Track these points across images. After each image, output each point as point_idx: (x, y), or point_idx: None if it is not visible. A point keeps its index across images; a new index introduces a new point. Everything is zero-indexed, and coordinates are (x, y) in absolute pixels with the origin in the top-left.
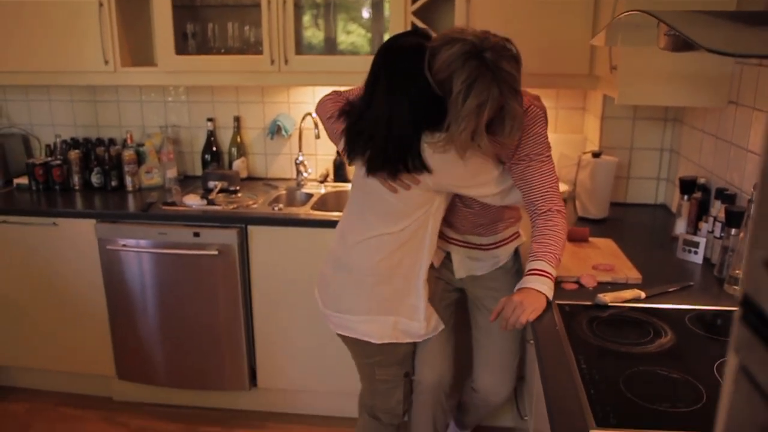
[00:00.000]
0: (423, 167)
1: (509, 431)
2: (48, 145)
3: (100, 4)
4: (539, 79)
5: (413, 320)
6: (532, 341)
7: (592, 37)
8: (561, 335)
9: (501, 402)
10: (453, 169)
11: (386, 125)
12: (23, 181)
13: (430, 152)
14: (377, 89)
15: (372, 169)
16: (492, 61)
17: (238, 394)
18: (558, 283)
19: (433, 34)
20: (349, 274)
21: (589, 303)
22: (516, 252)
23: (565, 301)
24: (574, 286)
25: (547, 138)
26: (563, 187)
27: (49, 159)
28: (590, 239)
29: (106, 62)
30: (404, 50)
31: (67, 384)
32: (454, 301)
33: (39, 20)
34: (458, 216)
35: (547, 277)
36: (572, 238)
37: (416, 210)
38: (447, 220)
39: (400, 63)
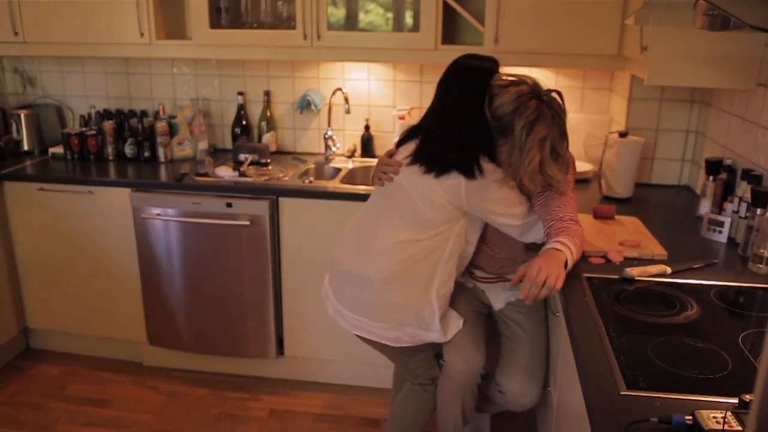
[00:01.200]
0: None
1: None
2: (82, 116)
3: None
4: (567, 58)
5: (429, 332)
6: (558, 314)
7: (623, 17)
8: (590, 306)
9: (528, 406)
10: (489, 190)
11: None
12: (59, 150)
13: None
14: (438, 107)
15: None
16: (550, 103)
17: (265, 361)
18: (585, 257)
19: (499, 64)
20: (368, 281)
21: (616, 276)
22: None
23: (593, 274)
24: (601, 261)
25: (571, 178)
26: (588, 166)
27: (84, 129)
28: (616, 217)
29: (142, 35)
30: (472, 78)
31: (100, 348)
32: (480, 304)
33: None
34: (485, 258)
35: (564, 245)
36: (598, 215)
37: (441, 223)
38: (475, 263)
39: (464, 90)
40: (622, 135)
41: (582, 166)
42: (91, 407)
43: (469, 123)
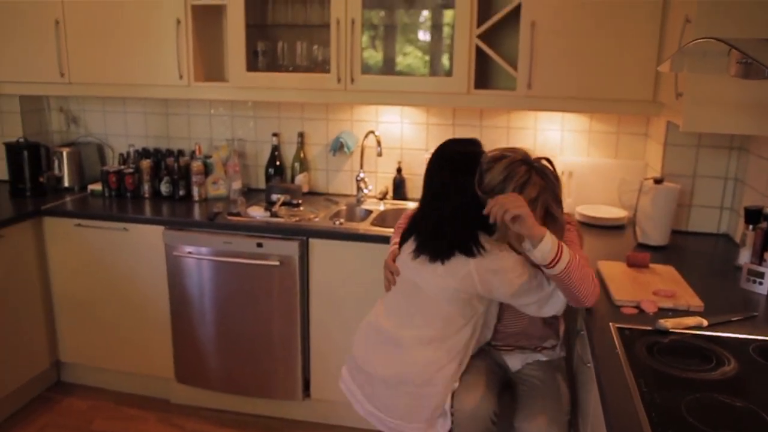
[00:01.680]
0: (474, 249)
1: None
2: (121, 154)
3: (178, 21)
4: (601, 103)
5: (447, 417)
6: (589, 364)
7: (657, 62)
8: (621, 358)
9: None
10: (497, 260)
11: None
12: (97, 187)
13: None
14: (427, 194)
15: (421, 248)
16: (540, 169)
17: (292, 403)
18: (617, 307)
19: (481, 145)
20: (402, 384)
21: (649, 328)
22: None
23: (625, 324)
24: (634, 311)
25: (576, 239)
26: (622, 213)
27: (122, 167)
28: (650, 265)
29: (181, 77)
30: (455, 160)
31: (128, 384)
32: (494, 362)
33: (118, 35)
34: (501, 335)
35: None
36: (632, 263)
37: (462, 315)
38: (494, 337)
39: (450, 173)
40: (658, 181)
41: (616, 213)
42: None
43: (459, 202)
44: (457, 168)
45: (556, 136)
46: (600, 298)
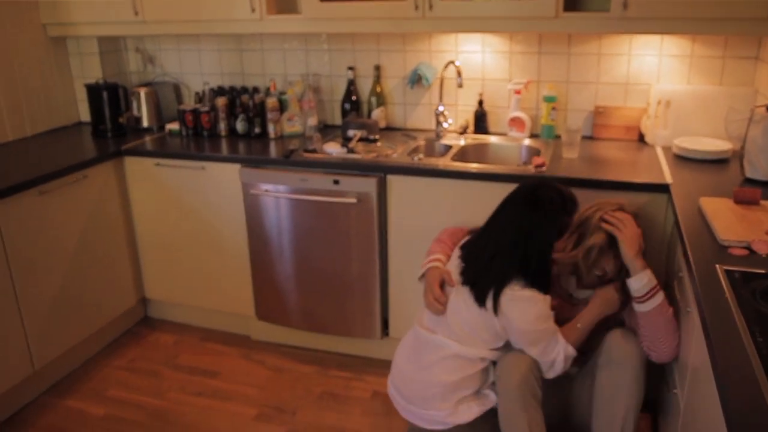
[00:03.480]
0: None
1: (652, 404)
2: (197, 93)
3: None
4: (707, 24)
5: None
6: (690, 309)
7: None
8: (730, 303)
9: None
10: (528, 298)
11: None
12: (175, 126)
13: (508, 297)
14: (505, 226)
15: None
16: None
17: (370, 342)
18: (724, 247)
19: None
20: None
21: (762, 271)
22: None
23: (734, 267)
24: (744, 252)
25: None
26: (727, 145)
27: (198, 106)
28: (762, 202)
29: (253, 10)
30: (546, 213)
31: (211, 320)
32: None
33: None
34: None
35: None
36: (740, 200)
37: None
38: None
39: (538, 227)
40: None
41: (719, 145)
42: (201, 377)
43: (535, 249)
44: (550, 213)
45: (653, 62)
46: (704, 237)
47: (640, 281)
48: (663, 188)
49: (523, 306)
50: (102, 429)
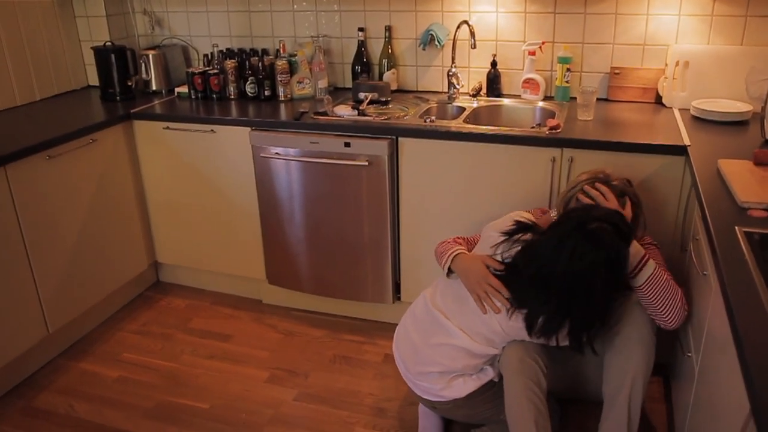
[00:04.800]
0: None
1: (664, 367)
2: (205, 55)
3: None
4: None
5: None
6: (706, 273)
7: None
8: (749, 266)
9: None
10: None
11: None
12: (184, 89)
13: None
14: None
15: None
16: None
17: (382, 306)
18: (743, 209)
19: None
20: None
21: None
22: None
23: (754, 228)
24: (764, 214)
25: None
26: (747, 107)
27: (207, 68)
28: None
29: None
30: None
31: (222, 284)
32: None
33: None
34: None
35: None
36: (760, 162)
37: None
38: None
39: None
40: None
41: (738, 107)
42: (213, 341)
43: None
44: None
45: (672, 22)
46: (722, 199)
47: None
48: (680, 150)
49: None
50: (116, 391)
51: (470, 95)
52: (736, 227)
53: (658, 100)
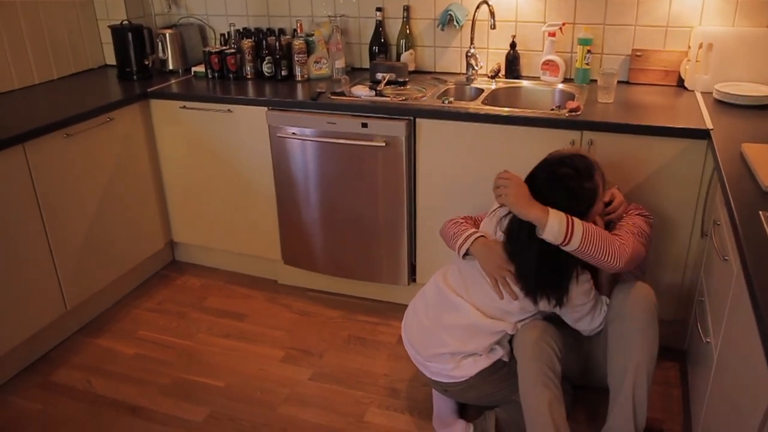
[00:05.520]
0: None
1: (682, 353)
2: (222, 35)
3: None
4: None
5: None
6: (727, 258)
7: None
8: None
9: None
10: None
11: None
12: (200, 69)
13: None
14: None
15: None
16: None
17: (397, 287)
18: (765, 193)
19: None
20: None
21: None
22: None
23: None
24: None
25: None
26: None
27: (224, 48)
28: None
29: None
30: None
31: (238, 264)
32: None
33: None
34: None
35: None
36: None
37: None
38: None
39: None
40: None
41: (763, 90)
42: (228, 320)
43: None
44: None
45: (696, 3)
46: (746, 184)
47: (552, 230)
48: (703, 134)
49: (583, 288)
50: (133, 367)
51: (489, 77)
52: (761, 212)
53: (680, 84)
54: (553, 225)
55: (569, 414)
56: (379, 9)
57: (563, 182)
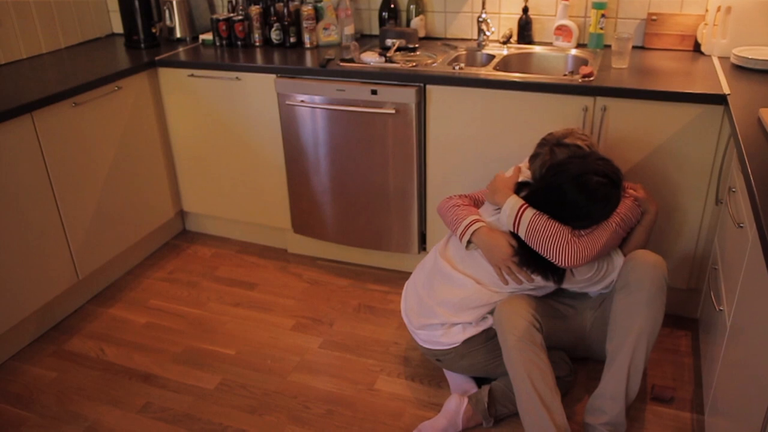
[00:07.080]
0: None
1: (694, 321)
2: (230, 1)
3: None
4: None
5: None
6: (743, 225)
7: None
8: None
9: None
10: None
11: None
12: (208, 36)
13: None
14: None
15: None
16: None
17: (407, 256)
18: None
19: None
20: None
21: None
22: None
23: None
24: None
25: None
26: None
27: (232, 15)
28: None
29: None
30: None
31: (248, 233)
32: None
33: None
34: None
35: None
36: None
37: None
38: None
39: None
40: None
41: None
42: (239, 289)
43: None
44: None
45: None
46: (763, 149)
47: (504, 215)
48: (719, 99)
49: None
50: (144, 336)
51: (500, 42)
52: None
53: (697, 48)
54: (505, 210)
55: (571, 387)
56: None
57: (599, 192)
